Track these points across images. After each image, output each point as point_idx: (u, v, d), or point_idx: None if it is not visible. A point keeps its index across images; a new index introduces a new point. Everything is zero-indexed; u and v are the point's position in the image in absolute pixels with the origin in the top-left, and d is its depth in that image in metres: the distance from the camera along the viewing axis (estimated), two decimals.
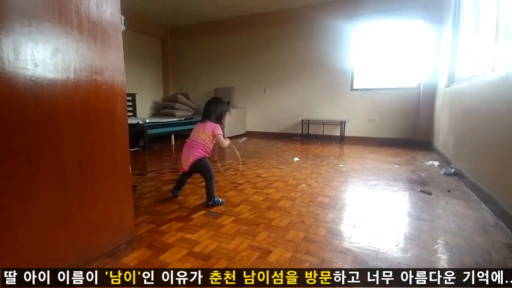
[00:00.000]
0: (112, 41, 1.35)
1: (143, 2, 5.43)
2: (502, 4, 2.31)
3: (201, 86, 7.21)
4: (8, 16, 0.98)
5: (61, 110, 1.15)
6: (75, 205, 1.24)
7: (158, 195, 2.34)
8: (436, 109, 4.52)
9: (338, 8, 5.37)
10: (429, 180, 2.79)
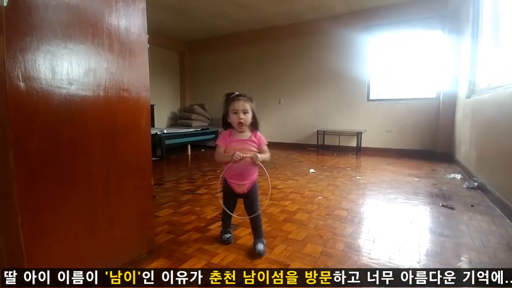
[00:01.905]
0: (139, 59, 1.43)
1: (163, 19, 5.66)
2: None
3: (217, 97, 7.26)
4: (47, 39, 1.06)
5: (92, 125, 1.22)
6: (101, 216, 1.30)
7: (176, 205, 2.39)
8: (457, 121, 4.40)
9: (352, 19, 5.40)
10: (451, 194, 2.71)
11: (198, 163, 4.62)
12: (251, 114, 1.50)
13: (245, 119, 1.47)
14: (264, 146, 1.56)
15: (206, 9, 5.22)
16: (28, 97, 1.01)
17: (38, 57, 1.04)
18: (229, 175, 1.57)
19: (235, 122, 1.48)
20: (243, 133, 1.53)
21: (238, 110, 1.47)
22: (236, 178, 1.55)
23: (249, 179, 1.56)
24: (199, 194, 2.74)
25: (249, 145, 1.53)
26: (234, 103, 1.49)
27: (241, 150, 1.46)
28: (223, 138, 1.55)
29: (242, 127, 1.50)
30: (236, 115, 1.47)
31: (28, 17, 1.00)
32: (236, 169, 1.50)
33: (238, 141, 1.52)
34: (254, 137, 1.55)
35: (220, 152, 1.54)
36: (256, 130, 1.56)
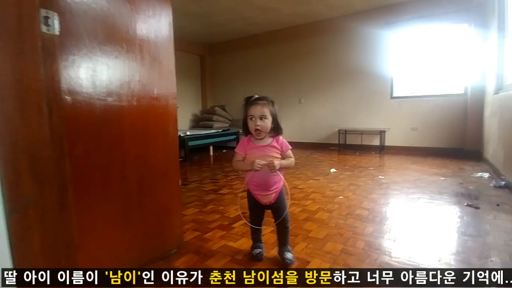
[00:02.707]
0: (166, 69, 1.55)
1: (185, 25, 5.86)
2: None
3: (237, 98, 7.47)
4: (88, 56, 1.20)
5: (127, 132, 1.35)
6: (135, 215, 1.43)
7: (201, 205, 2.51)
8: (485, 117, 4.22)
9: (373, 16, 5.30)
10: (477, 193, 2.63)
11: (220, 164, 4.76)
12: (271, 119, 1.37)
13: (262, 125, 1.35)
14: (288, 151, 1.44)
15: (226, 13, 5.35)
16: (74, 109, 1.14)
17: (81, 73, 1.17)
18: (252, 186, 1.45)
19: (252, 128, 1.37)
20: (264, 139, 1.42)
21: (255, 116, 1.35)
22: (260, 189, 1.43)
23: (275, 188, 1.43)
24: (222, 194, 2.86)
25: (271, 151, 1.41)
26: (251, 108, 1.37)
27: (262, 157, 1.36)
28: (241, 145, 1.45)
29: (260, 134, 1.37)
30: (253, 122, 1.36)
31: (73, 40, 1.13)
32: (259, 178, 1.39)
33: (257, 147, 1.41)
34: (275, 142, 1.43)
35: (238, 160, 1.44)
36: (278, 135, 1.44)
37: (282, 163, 1.39)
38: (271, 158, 1.38)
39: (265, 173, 1.36)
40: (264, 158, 1.36)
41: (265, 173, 1.36)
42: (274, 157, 1.40)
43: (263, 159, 1.35)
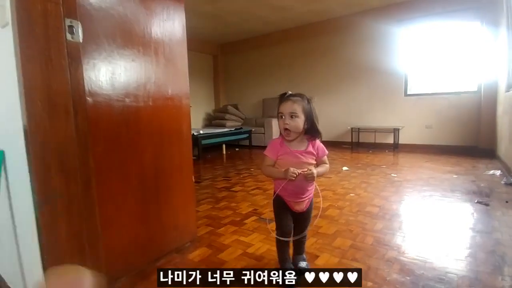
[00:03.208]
0: (180, 70, 1.62)
1: (198, 25, 5.97)
2: None
3: (250, 97, 7.54)
4: (107, 60, 1.28)
5: (143, 131, 1.43)
6: (152, 209, 1.51)
7: (214, 201, 2.59)
8: (498, 115, 4.11)
9: (386, 13, 5.22)
10: (488, 190, 2.59)
11: (233, 162, 4.84)
12: (303, 119, 1.22)
13: (292, 125, 1.20)
14: (324, 157, 1.31)
15: (240, 13, 5.41)
16: (95, 109, 1.23)
17: (101, 76, 1.26)
18: (284, 193, 1.30)
19: (280, 128, 1.24)
20: (298, 143, 1.27)
21: (284, 114, 1.21)
22: (294, 196, 1.30)
23: (308, 195, 1.33)
24: (234, 191, 2.92)
25: (307, 158, 1.26)
26: (282, 104, 1.24)
27: (297, 165, 1.22)
28: (272, 147, 1.28)
29: (289, 135, 1.22)
30: (282, 120, 1.22)
31: (94, 45, 1.22)
32: (293, 186, 1.25)
33: (292, 153, 1.24)
34: (311, 147, 1.27)
35: (268, 165, 1.28)
36: (314, 139, 1.28)
37: (319, 171, 1.25)
38: (307, 166, 1.23)
39: (300, 181, 1.23)
40: (300, 166, 1.22)
41: (300, 181, 1.23)
42: (309, 164, 1.25)
43: (297, 166, 1.21)
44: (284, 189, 1.27)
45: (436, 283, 1.26)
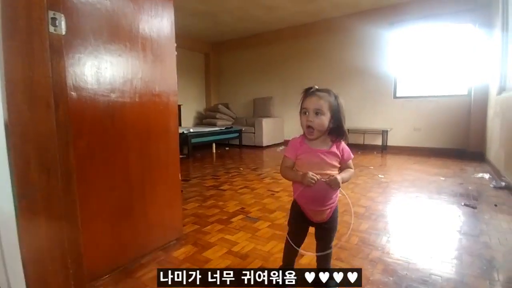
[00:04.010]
0: (168, 67, 1.61)
1: (190, 23, 5.93)
2: None
3: (241, 97, 7.54)
4: (93, 55, 1.26)
5: (129, 127, 1.41)
6: (137, 206, 1.50)
7: (201, 200, 2.58)
8: (488, 118, 4.21)
9: (377, 15, 5.30)
10: (476, 193, 2.65)
11: (222, 161, 4.82)
12: (329, 117, 1.10)
13: (316, 122, 1.08)
14: (349, 162, 1.17)
15: (233, 12, 5.40)
16: (79, 104, 1.21)
17: (86, 71, 1.24)
18: (302, 199, 1.17)
19: (303, 125, 1.12)
20: (321, 142, 1.14)
21: (308, 110, 1.10)
22: (313, 204, 1.15)
23: (331, 203, 1.16)
24: (223, 190, 2.92)
25: (330, 159, 1.12)
26: (306, 100, 1.12)
27: (318, 166, 1.10)
28: (292, 146, 1.16)
29: (312, 133, 1.10)
30: (305, 116, 1.11)
31: (79, 39, 1.20)
32: (313, 193, 1.11)
33: (312, 152, 1.12)
34: (336, 148, 1.14)
35: (288, 166, 1.16)
36: (340, 140, 1.15)
37: (344, 177, 1.11)
38: (329, 168, 1.11)
39: (321, 188, 1.08)
40: (321, 167, 1.10)
41: (321, 188, 1.08)
42: (333, 166, 1.13)
43: (319, 168, 1.09)
44: (302, 196, 1.15)
45: (420, 285, 1.28)
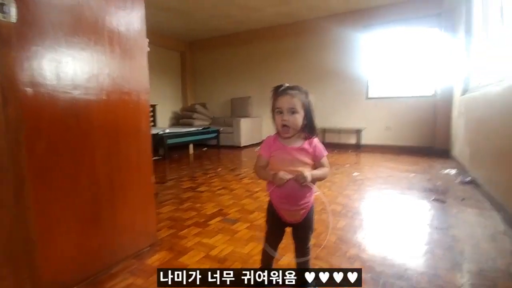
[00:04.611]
0: (139, 63, 1.52)
1: (164, 20, 5.75)
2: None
3: (218, 96, 7.44)
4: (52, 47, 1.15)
5: (96, 127, 1.31)
6: (106, 211, 1.39)
7: (178, 202, 2.48)
8: (453, 117, 4.46)
9: (351, 18, 5.44)
10: (444, 188, 2.77)
11: (200, 162, 4.72)
12: (303, 114, 1.10)
13: (291, 121, 1.08)
14: (323, 159, 1.14)
15: (208, 11, 5.30)
16: (36, 101, 1.10)
17: (44, 65, 1.13)
18: (276, 199, 1.15)
19: (278, 124, 1.11)
20: (293, 140, 1.13)
21: (283, 109, 1.09)
22: (286, 203, 1.13)
23: (305, 203, 1.14)
24: (200, 191, 2.84)
25: (301, 155, 1.10)
26: (279, 99, 1.10)
27: (290, 162, 1.09)
28: (266, 145, 1.15)
29: (287, 132, 1.09)
30: (280, 116, 1.09)
31: (35, 28, 1.09)
32: (284, 191, 1.10)
33: (284, 149, 1.11)
34: (308, 145, 1.12)
35: (261, 166, 1.14)
36: (312, 136, 1.14)
37: (314, 173, 1.08)
38: (301, 165, 1.09)
39: (293, 186, 1.07)
40: (292, 163, 1.09)
41: (293, 186, 1.07)
42: (304, 163, 1.10)
43: (291, 165, 1.08)
44: (275, 195, 1.13)
45: (396, 280, 1.30)
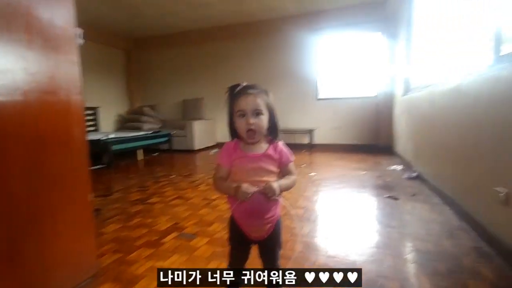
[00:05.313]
0: (67, 57, 1.25)
1: (104, 14, 5.21)
2: (449, 21, 2.53)
3: (169, 98, 7.03)
4: None
5: (10, 134, 1.02)
6: (28, 244, 1.10)
7: (125, 218, 2.19)
8: (395, 116, 4.82)
9: (303, 21, 5.56)
10: (394, 185, 2.92)
11: (151, 169, 4.35)
12: (267, 116, 0.97)
13: (257, 124, 0.94)
14: (290, 165, 1.02)
15: (155, 6, 4.93)
16: None
17: None
18: (237, 214, 1.01)
19: (242, 129, 0.95)
20: (256, 146, 0.99)
21: (246, 111, 0.94)
22: (250, 218, 0.99)
23: (271, 216, 0.99)
24: (151, 203, 2.56)
25: (267, 163, 0.97)
26: (240, 100, 0.96)
27: (254, 172, 0.95)
28: (225, 152, 1.00)
29: (254, 137, 0.95)
30: (244, 119, 0.94)
31: None
32: (248, 205, 0.93)
33: (248, 157, 0.97)
34: (273, 150, 0.99)
35: (221, 177, 0.99)
36: (275, 140, 1.02)
37: (283, 184, 0.94)
38: (266, 174, 0.96)
39: (258, 200, 0.92)
40: (257, 173, 0.95)
41: (258, 200, 0.92)
42: (270, 172, 0.97)
43: (255, 175, 0.95)
44: (237, 210, 0.97)
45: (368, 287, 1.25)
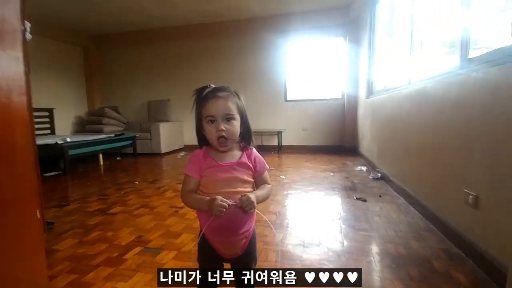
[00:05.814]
0: (7, 53, 1.08)
1: (60, 9, 4.80)
2: (413, 24, 2.66)
3: (133, 99, 6.67)
4: None
5: None
6: None
7: (82, 232, 1.98)
8: (359, 118, 5.03)
9: (270, 23, 5.58)
10: (361, 186, 3.00)
11: (112, 175, 4.06)
12: (239, 121, 0.89)
13: (230, 130, 0.86)
14: (265, 174, 0.96)
15: (113, 0, 4.63)
16: None
17: None
18: (210, 230, 0.89)
19: (213, 137, 0.86)
20: (228, 154, 0.91)
21: (216, 117, 0.86)
22: (222, 234, 0.89)
23: (245, 231, 0.91)
24: (113, 213, 2.36)
25: (241, 173, 0.90)
26: (209, 104, 0.87)
27: (228, 183, 0.87)
28: (194, 162, 0.90)
29: (226, 144, 0.87)
30: (214, 125, 0.86)
31: None
32: (224, 219, 0.83)
33: (220, 167, 0.89)
34: (246, 158, 0.92)
35: (190, 190, 0.90)
36: (248, 146, 0.95)
37: (259, 195, 0.88)
38: (240, 184, 0.88)
39: (233, 214, 0.84)
40: (230, 184, 0.87)
41: (233, 214, 0.84)
42: (245, 181, 0.90)
43: (228, 186, 0.87)
44: (209, 226, 0.86)
45: None
